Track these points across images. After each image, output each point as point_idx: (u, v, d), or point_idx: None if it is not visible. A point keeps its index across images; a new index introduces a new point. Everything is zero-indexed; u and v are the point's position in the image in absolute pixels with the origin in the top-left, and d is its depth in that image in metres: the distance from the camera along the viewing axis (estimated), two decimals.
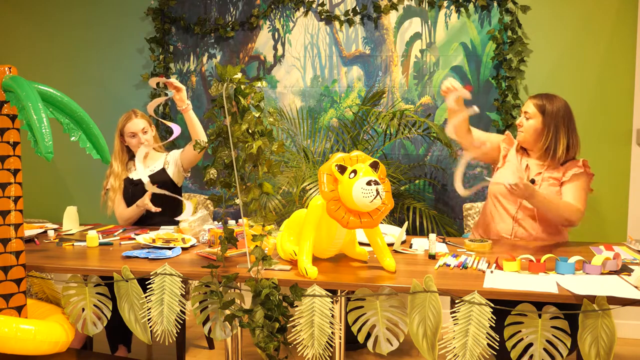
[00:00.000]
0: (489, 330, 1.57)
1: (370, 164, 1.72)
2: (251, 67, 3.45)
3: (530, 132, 2.37)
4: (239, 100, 1.72)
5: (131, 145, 2.74)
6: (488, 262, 1.89)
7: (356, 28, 3.30)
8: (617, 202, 3.07)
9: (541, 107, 2.34)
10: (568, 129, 2.34)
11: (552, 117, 2.33)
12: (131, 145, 2.74)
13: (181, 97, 2.42)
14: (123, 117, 2.76)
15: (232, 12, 3.44)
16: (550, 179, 2.35)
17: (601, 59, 3.04)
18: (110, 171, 2.78)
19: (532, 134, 2.36)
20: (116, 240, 2.32)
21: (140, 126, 2.72)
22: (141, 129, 2.71)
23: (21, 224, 1.85)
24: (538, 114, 2.35)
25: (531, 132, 2.36)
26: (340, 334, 1.84)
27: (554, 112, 2.33)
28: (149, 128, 2.76)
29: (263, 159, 1.74)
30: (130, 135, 2.72)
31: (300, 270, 1.76)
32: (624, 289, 1.57)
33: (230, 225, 2.15)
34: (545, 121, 2.33)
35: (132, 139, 2.72)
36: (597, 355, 1.53)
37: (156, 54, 3.52)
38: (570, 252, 1.92)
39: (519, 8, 3.08)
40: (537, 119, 2.35)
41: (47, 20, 3.69)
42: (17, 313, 1.82)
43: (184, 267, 1.88)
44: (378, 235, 1.83)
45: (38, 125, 1.65)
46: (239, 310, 1.72)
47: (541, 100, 2.36)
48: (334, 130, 3.32)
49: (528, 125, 2.37)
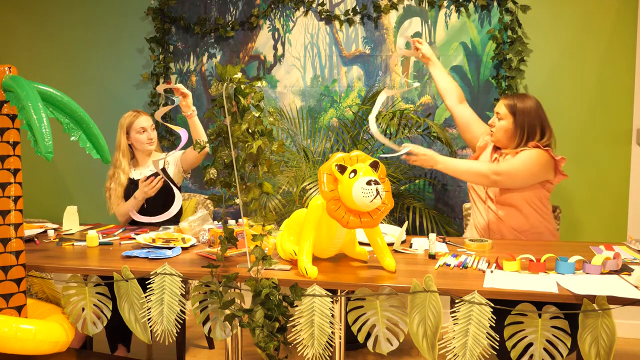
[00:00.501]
0: (489, 330, 1.57)
1: (370, 163, 1.72)
2: (251, 67, 3.45)
3: (502, 132, 2.40)
4: (239, 100, 1.72)
5: (139, 141, 2.75)
6: (488, 261, 1.89)
7: (356, 28, 3.30)
8: (617, 202, 3.06)
9: (512, 108, 2.37)
10: (541, 128, 2.37)
11: (523, 117, 2.35)
12: (139, 142, 2.76)
13: (187, 103, 2.49)
14: (128, 115, 2.78)
15: (232, 11, 3.44)
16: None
17: (601, 59, 3.04)
18: (115, 170, 2.78)
19: (504, 134, 2.40)
20: (116, 240, 2.32)
21: (150, 122, 2.78)
22: (150, 125, 2.77)
23: (21, 223, 1.85)
24: (509, 115, 2.38)
25: (502, 132, 2.40)
26: (340, 334, 1.84)
27: (524, 111, 2.35)
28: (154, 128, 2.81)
29: (263, 158, 1.74)
30: (140, 130, 2.74)
31: (300, 270, 1.76)
32: (624, 289, 1.57)
33: (230, 225, 2.15)
34: (516, 121, 2.36)
35: (141, 134, 2.74)
36: (597, 355, 1.52)
37: (156, 54, 3.52)
38: (570, 252, 1.92)
39: (519, 8, 3.08)
40: (509, 120, 2.38)
41: (47, 20, 3.69)
42: (17, 313, 1.82)
43: (184, 267, 1.88)
44: (378, 235, 1.83)
45: (38, 125, 1.65)
46: (239, 310, 1.72)
47: (512, 100, 2.39)
48: (334, 130, 3.32)
49: (499, 126, 2.40)
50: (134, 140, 2.76)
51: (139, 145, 2.77)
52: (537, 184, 2.35)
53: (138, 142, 2.76)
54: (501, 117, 2.40)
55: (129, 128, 2.75)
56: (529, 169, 2.31)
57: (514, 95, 2.43)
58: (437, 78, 2.64)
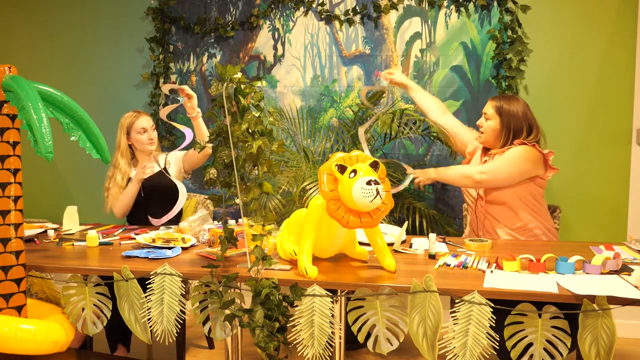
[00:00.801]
0: (489, 330, 1.57)
1: (370, 163, 1.72)
2: (251, 67, 3.45)
3: (489, 132, 2.46)
4: (239, 99, 1.72)
5: (140, 142, 2.76)
6: (488, 261, 1.89)
7: (356, 28, 3.30)
8: (617, 202, 3.06)
9: (499, 109, 2.43)
10: (528, 126, 2.41)
11: (509, 118, 2.41)
12: (139, 142, 2.76)
13: (192, 105, 2.53)
14: (129, 115, 2.78)
15: (232, 11, 3.44)
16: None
17: (601, 59, 3.04)
18: (114, 170, 2.78)
19: (491, 134, 2.45)
20: (116, 240, 2.32)
21: (150, 122, 2.79)
22: (150, 126, 2.77)
23: (21, 223, 1.85)
24: (496, 115, 2.43)
25: (489, 132, 2.46)
26: (340, 334, 1.84)
27: (511, 113, 2.41)
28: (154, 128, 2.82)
29: (263, 158, 1.74)
30: (141, 131, 2.74)
31: (300, 270, 1.76)
32: (624, 289, 1.57)
33: (230, 225, 2.15)
34: (502, 122, 2.42)
35: (142, 135, 2.74)
36: (597, 355, 1.52)
37: (156, 54, 3.52)
38: (570, 252, 1.92)
39: (519, 8, 3.08)
40: (495, 120, 2.43)
41: (47, 20, 3.69)
42: (17, 313, 1.82)
43: (184, 266, 1.88)
44: (378, 235, 1.83)
45: (38, 125, 1.65)
46: (239, 310, 1.72)
47: (499, 101, 2.45)
48: (334, 130, 3.32)
49: (487, 126, 2.46)
50: (134, 140, 2.76)
51: (139, 146, 2.77)
52: (527, 179, 2.38)
53: (139, 142, 2.76)
54: (488, 118, 2.46)
55: (130, 128, 2.75)
56: (514, 165, 2.35)
57: (501, 97, 2.50)
58: (417, 99, 2.78)
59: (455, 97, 3.20)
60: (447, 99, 3.20)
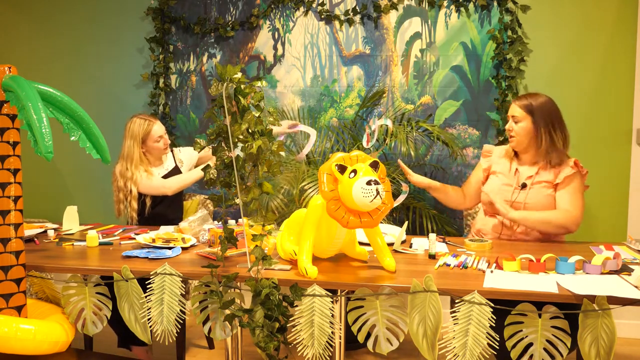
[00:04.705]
0: (489, 330, 1.57)
1: (370, 163, 1.71)
2: (251, 67, 3.45)
3: (523, 134, 2.31)
4: (239, 100, 1.72)
5: (157, 149, 2.77)
6: (488, 262, 1.89)
7: (356, 28, 3.30)
8: (617, 202, 3.06)
9: (528, 107, 2.30)
10: (560, 122, 2.31)
11: (542, 114, 2.28)
12: (157, 149, 2.77)
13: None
14: (140, 123, 2.74)
15: (232, 11, 3.44)
16: (542, 182, 2.30)
17: (601, 59, 3.04)
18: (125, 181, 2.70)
19: (526, 136, 2.31)
20: (116, 240, 2.32)
21: (163, 128, 2.80)
22: (164, 131, 2.79)
23: (21, 223, 1.85)
24: (526, 115, 2.30)
25: (524, 134, 2.31)
26: (340, 334, 1.84)
27: (541, 108, 2.29)
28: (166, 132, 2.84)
29: (263, 158, 1.74)
30: (158, 139, 2.75)
31: (300, 270, 1.76)
32: (624, 289, 1.57)
33: (230, 225, 2.15)
34: (535, 120, 2.29)
35: (158, 142, 2.75)
36: (597, 355, 1.52)
37: (156, 54, 3.52)
38: (570, 252, 1.92)
39: (519, 8, 3.08)
40: (527, 120, 2.30)
41: (47, 20, 3.68)
42: (17, 313, 1.82)
43: (184, 266, 1.88)
44: (378, 235, 1.83)
45: (38, 125, 1.65)
46: (239, 310, 1.72)
47: (526, 100, 2.32)
48: (334, 130, 3.32)
49: (519, 128, 2.32)
50: (151, 148, 2.76)
51: (155, 152, 2.77)
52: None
53: (156, 149, 2.77)
54: (518, 120, 2.31)
55: (146, 137, 2.74)
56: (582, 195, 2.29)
57: (525, 96, 2.36)
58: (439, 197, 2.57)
59: (455, 97, 3.20)
60: (447, 99, 3.20)
